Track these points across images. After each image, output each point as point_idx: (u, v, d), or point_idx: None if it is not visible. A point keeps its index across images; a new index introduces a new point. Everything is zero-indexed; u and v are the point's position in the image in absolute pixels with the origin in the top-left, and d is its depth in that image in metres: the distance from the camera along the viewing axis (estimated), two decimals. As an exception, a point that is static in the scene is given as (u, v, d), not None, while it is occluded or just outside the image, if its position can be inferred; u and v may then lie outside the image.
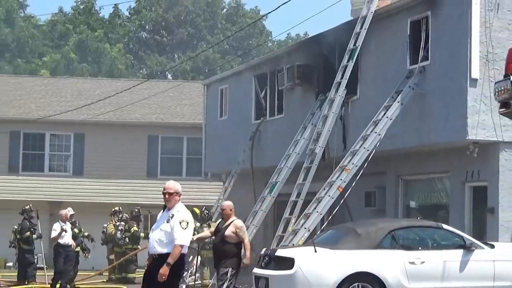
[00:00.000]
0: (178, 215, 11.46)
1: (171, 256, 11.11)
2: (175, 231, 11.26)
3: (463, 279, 15.38)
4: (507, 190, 19.17)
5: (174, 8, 65.09)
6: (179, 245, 11.20)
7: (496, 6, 19.35)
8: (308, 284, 14.97)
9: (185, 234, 11.32)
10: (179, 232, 11.24)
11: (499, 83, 5.53)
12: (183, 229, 11.28)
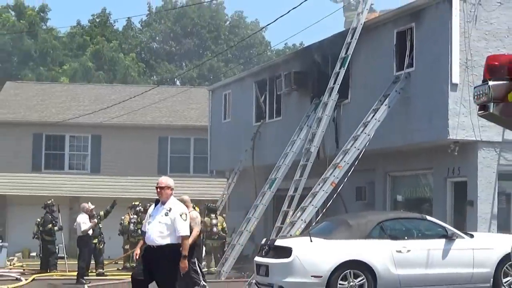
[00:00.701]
0: (176, 208, 11.49)
1: (183, 249, 11.19)
2: (177, 224, 11.28)
3: (445, 266, 15.39)
4: (485, 185, 19.18)
5: (181, 20, 65.11)
6: (185, 236, 11.24)
7: (474, 18, 19.36)
8: (305, 271, 14.95)
9: (187, 224, 11.40)
10: (181, 224, 11.28)
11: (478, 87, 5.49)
12: (184, 220, 11.34)
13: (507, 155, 18.36)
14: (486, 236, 17.05)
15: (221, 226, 25.25)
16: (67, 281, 21.65)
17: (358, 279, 14.90)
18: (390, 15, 22.12)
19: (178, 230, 11.24)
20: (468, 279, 15.40)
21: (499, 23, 19.53)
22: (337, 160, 20.62)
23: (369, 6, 22.98)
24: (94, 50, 60.65)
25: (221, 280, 21.57)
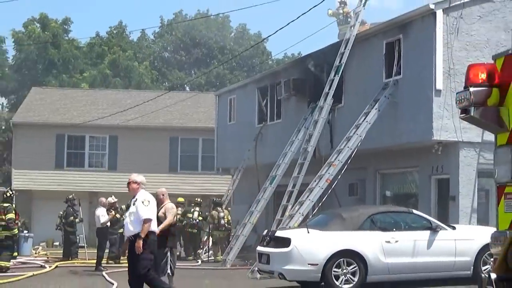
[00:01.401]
0: (140, 197, 11.47)
1: (142, 230, 11.10)
2: (139, 210, 11.26)
3: (430, 255, 15.39)
4: (466, 181, 19.17)
5: (190, 32, 65.09)
6: (145, 219, 11.17)
7: (456, 30, 19.35)
8: (302, 260, 14.95)
9: (148, 209, 11.31)
10: (142, 209, 11.25)
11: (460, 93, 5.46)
12: (145, 206, 11.30)
13: (486, 155, 18.32)
14: (467, 228, 17.05)
15: (227, 219, 25.26)
16: (87, 268, 21.67)
17: (351, 267, 14.90)
18: (380, 27, 22.14)
19: (140, 215, 11.21)
20: (450, 267, 15.40)
21: (479, 34, 19.53)
22: (332, 159, 20.62)
23: (360, 20, 23.00)
24: (111, 59, 60.67)
25: (226, 268, 21.57)
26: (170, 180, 37.54)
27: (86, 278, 18.57)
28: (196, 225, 25.94)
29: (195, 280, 18.33)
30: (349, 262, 14.91)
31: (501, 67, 5.39)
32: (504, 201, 5.31)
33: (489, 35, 19.49)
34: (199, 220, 25.92)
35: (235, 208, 29.27)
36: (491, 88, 5.33)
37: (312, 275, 14.90)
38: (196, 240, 26.29)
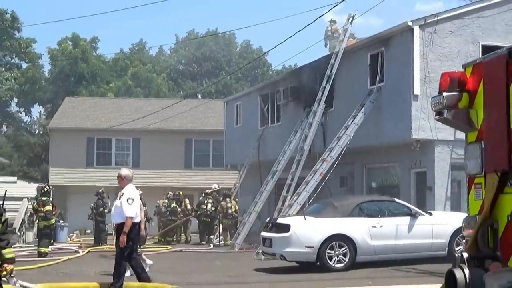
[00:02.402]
0: (126, 193, 11.27)
1: (125, 226, 10.95)
2: (123, 206, 11.08)
3: (410, 237, 15.39)
4: (440, 174, 19.18)
5: (201, 48, 65.18)
6: (128, 217, 11.00)
7: (431, 43, 19.35)
8: (300, 243, 14.97)
9: (131, 208, 11.08)
10: (126, 207, 11.05)
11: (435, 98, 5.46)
12: (129, 204, 11.06)
13: (458, 151, 18.31)
14: (442, 214, 17.05)
15: (234, 208, 25.28)
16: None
17: (342, 248, 14.91)
18: (365, 41, 22.14)
19: (124, 212, 11.07)
20: (428, 248, 15.40)
21: (450, 47, 19.54)
22: (325, 156, 20.63)
23: (348, 35, 23.02)
24: (133, 72, 60.79)
25: (235, 251, 21.56)
26: (185, 175, 37.76)
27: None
28: (209, 215, 25.97)
29: (208, 261, 18.35)
30: (341, 245, 14.92)
31: (470, 74, 5.38)
32: (474, 190, 5.30)
33: (459, 47, 19.50)
34: (212, 210, 25.94)
35: (241, 199, 29.27)
36: (462, 93, 5.33)
37: (309, 256, 14.92)
38: (210, 227, 26.32)
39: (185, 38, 67.59)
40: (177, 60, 68.61)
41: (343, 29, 23.33)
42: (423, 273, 13.62)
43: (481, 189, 5.17)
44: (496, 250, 4.97)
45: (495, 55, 5.14)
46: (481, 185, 5.17)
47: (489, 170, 5.06)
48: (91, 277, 11.66)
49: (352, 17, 23.31)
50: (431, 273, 13.07)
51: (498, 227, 4.98)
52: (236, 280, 13.42)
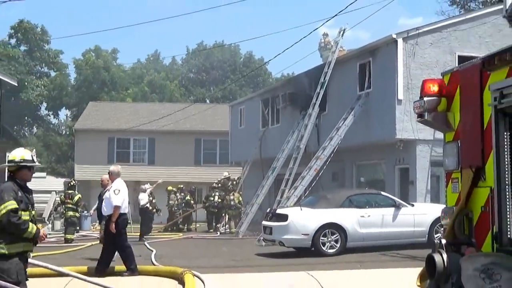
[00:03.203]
0: (113, 186, 11.30)
1: (112, 215, 10.94)
2: (111, 197, 11.06)
3: (394, 226, 15.40)
4: (421, 170, 19.20)
5: (209, 58, 65.16)
6: (115, 206, 10.96)
7: (413, 54, 19.36)
8: (297, 231, 14.98)
9: (118, 197, 11.06)
10: (113, 197, 11.04)
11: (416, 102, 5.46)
12: (116, 194, 11.07)
13: (437, 149, 18.30)
14: (422, 205, 17.04)
15: (238, 200, 25.30)
16: (132, 239, 21.66)
17: (334, 236, 14.92)
18: (354, 52, 22.15)
19: (111, 201, 11.03)
20: (410, 235, 15.39)
21: (430, 57, 19.54)
22: (318, 154, 20.64)
23: (339, 47, 23.02)
24: (149, 79, 60.83)
25: (239, 238, 21.57)
26: (195, 171, 37.78)
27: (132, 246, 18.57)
28: (216, 206, 26.03)
29: (216, 247, 18.36)
30: (333, 232, 14.93)
31: (447, 81, 5.38)
32: (451, 184, 5.29)
33: (438, 57, 19.50)
34: (218, 202, 25.98)
35: (245, 192, 29.27)
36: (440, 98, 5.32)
37: (304, 242, 14.93)
38: (217, 217, 26.34)
39: (195, 49, 67.61)
40: (188, 69, 68.62)
41: (335, 41, 23.37)
42: (406, 258, 13.61)
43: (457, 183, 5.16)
44: (471, 237, 4.96)
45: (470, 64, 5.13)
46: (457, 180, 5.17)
47: (465, 166, 5.05)
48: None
49: (343, 31, 23.34)
50: (413, 258, 13.06)
51: (473, 217, 4.98)
52: (240, 264, 13.43)
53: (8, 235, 6.30)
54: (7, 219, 6.24)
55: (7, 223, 6.25)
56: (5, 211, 6.25)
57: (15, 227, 6.30)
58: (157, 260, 13.65)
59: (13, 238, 6.31)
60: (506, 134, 4.73)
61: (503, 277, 4.33)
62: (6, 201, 6.29)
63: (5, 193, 6.35)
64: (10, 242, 6.28)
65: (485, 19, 20.05)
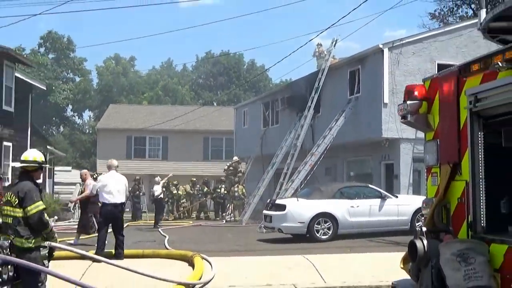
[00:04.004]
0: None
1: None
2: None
3: (380, 215, 15.38)
4: (405, 165, 19.20)
5: (216, 65, 65.07)
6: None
7: (397, 62, 19.34)
8: (294, 219, 14.97)
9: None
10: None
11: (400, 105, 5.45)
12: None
13: (418, 147, 18.30)
14: (405, 196, 17.02)
15: (241, 192, 25.30)
16: (148, 226, 21.73)
17: (327, 224, 14.91)
18: (345, 60, 22.12)
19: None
20: (395, 223, 15.38)
21: (413, 65, 19.51)
22: (313, 151, 20.62)
23: (332, 56, 23.00)
24: (163, 84, 60.80)
25: (242, 225, 21.57)
26: (204, 165, 37.81)
27: (148, 233, 18.64)
28: (222, 197, 26.07)
29: (222, 233, 18.37)
30: (326, 221, 14.92)
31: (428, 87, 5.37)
32: (431, 178, 5.29)
33: (419, 65, 19.47)
34: (224, 194, 26.00)
35: (248, 184, 29.28)
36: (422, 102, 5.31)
37: (300, 229, 14.91)
38: (223, 207, 26.35)
39: (203, 58, 67.58)
40: (197, 75, 68.58)
41: (328, 51, 23.33)
42: (391, 243, 13.60)
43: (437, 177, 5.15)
44: (448, 225, 4.96)
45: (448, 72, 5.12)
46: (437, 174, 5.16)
47: (443, 162, 5.05)
48: (128, 245, 11.65)
49: (335, 41, 23.31)
50: (397, 243, 13.05)
51: (450, 207, 4.97)
52: (243, 248, 13.44)
53: (33, 231, 6.35)
54: (39, 218, 6.29)
55: (38, 221, 6.30)
56: (36, 210, 6.28)
57: (44, 225, 6.39)
58: (170, 244, 13.66)
59: (35, 234, 6.38)
60: (480, 134, 4.73)
61: (476, 260, 4.33)
62: (36, 201, 6.32)
63: (33, 193, 6.35)
64: (35, 236, 6.37)
65: (462, 31, 20.03)
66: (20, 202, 6.30)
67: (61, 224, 21.45)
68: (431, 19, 33.33)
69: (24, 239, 6.29)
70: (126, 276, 8.47)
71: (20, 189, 6.36)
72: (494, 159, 4.75)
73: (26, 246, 6.30)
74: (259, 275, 9.22)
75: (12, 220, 6.34)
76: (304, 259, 10.37)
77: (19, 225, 6.29)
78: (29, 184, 6.43)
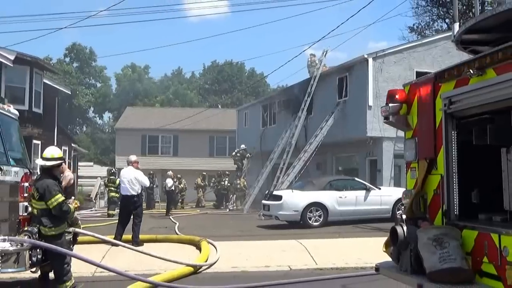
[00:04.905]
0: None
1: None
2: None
3: (365, 204, 15.40)
4: (387, 161, 19.20)
5: (221, 73, 64.96)
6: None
7: (380, 70, 19.33)
8: (289, 208, 14.97)
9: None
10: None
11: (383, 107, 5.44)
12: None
13: (399, 144, 18.31)
14: (387, 188, 17.04)
15: (243, 184, 25.32)
16: (160, 214, 21.74)
17: (318, 212, 14.92)
18: (334, 68, 22.10)
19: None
20: (378, 212, 15.40)
21: (394, 72, 19.51)
22: (306, 148, 20.64)
23: (323, 64, 22.98)
24: (174, 89, 60.75)
25: (244, 213, 21.57)
26: (209, 161, 37.78)
27: (160, 220, 18.66)
28: (226, 188, 26.09)
29: (225, 220, 18.38)
30: (317, 209, 14.93)
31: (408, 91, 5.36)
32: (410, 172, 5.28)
33: (400, 72, 19.47)
34: (228, 185, 26.02)
35: (248, 177, 29.29)
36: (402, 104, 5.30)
37: (295, 217, 14.93)
38: (226, 197, 26.37)
39: (209, 66, 67.53)
40: (204, 81, 68.46)
41: (319, 60, 23.32)
42: (374, 229, 13.60)
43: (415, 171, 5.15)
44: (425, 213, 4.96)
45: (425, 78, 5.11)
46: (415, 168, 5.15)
47: (421, 158, 5.04)
48: (143, 231, 11.65)
49: (325, 52, 23.32)
50: (380, 229, 13.05)
51: (427, 198, 4.97)
52: (245, 234, 13.44)
53: (55, 219, 6.43)
54: (60, 208, 6.37)
55: (60, 211, 6.38)
56: (56, 203, 6.36)
57: (65, 213, 6.45)
58: (180, 230, 13.65)
59: (58, 223, 6.44)
60: (453, 133, 4.72)
61: (450, 244, 4.33)
62: (55, 194, 6.38)
63: (52, 188, 6.40)
64: (57, 225, 6.43)
65: (437, 43, 20.02)
66: (41, 197, 6.39)
67: (84, 212, 21.44)
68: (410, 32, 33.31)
69: (47, 228, 6.38)
70: (141, 259, 8.47)
71: (40, 185, 6.44)
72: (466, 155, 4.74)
73: (49, 234, 6.38)
74: (258, 257, 9.22)
75: (37, 211, 6.45)
76: (298, 243, 10.37)
77: (43, 216, 6.40)
78: (47, 181, 6.47)
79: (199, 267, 8.37)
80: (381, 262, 5.12)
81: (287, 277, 7.84)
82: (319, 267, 8.65)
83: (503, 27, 4.68)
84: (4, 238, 5.92)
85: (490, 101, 4.19)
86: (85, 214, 19.55)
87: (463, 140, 4.74)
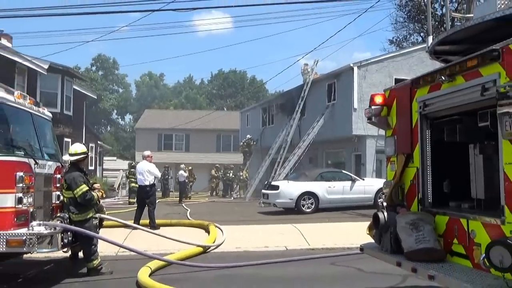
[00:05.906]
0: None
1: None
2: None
3: (351, 193, 15.37)
4: (369, 156, 19.15)
5: (226, 80, 64.85)
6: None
7: (364, 77, 19.28)
8: (285, 196, 14.95)
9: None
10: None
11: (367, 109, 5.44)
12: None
13: (380, 142, 18.28)
14: (370, 179, 17.01)
15: (245, 176, 25.31)
16: (174, 201, 21.70)
17: (310, 200, 14.90)
18: (324, 76, 22.06)
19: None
20: (362, 200, 15.37)
21: (376, 79, 19.45)
22: (300, 144, 20.62)
23: (314, 72, 22.93)
24: (186, 94, 60.68)
25: (246, 201, 21.55)
26: (217, 156, 37.76)
27: (174, 206, 18.65)
28: (230, 179, 26.08)
29: (229, 207, 18.36)
30: (309, 198, 14.91)
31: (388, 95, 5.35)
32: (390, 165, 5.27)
33: (381, 79, 19.41)
34: (232, 177, 26.00)
35: (250, 170, 29.29)
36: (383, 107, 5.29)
37: (290, 204, 14.91)
38: (231, 187, 26.35)
39: (216, 74, 67.41)
40: (211, 87, 68.32)
41: (311, 68, 23.27)
42: (359, 215, 13.60)
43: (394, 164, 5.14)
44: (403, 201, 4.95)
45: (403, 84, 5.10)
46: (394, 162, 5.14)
47: (399, 153, 5.03)
48: (159, 217, 11.67)
49: (316, 61, 23.31)
50: (364, 215, 13.05)
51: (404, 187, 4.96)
52: (247, 219, 13.43)
53: (81, 207, 6.47)
54: (84, 197, 6.42)
55: (84, 199, 6.43)
56: (81, 192, 6.42)
57: (89, 201, 6.48)
58: (191, 216, 13.63)
59: (84, 210, 6.48)
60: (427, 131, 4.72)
61: (425, 228, 4.33)
62: (80, 185, 6.44)
63: (77, 179, 6.47)
64: (83, 211, 6.48)
65: (413, 53, 19.96)
66: (69, 187, 6.47)
67: (108, 200, 21.42)
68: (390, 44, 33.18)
69: (74, 214, 6.43)
70: (158, 240, 8.48)
71: (67, 177, 6.52)
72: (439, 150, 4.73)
73: (77, 219, 6.44)
74: (259, 239, 9.22)
75: (66, 200, 6.53)
76: (293, 227, 10.37)
77: (70, 204, 6.47)
78: (74, 173, 6.54)
79: (208, 247, 8.39)
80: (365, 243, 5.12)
81: (284, 255, 7.84)
82: (311, 248, 8.65)
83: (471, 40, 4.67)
84: (39, 222, 5.94)
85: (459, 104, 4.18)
86: (109, 202, 19.56)
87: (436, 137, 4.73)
